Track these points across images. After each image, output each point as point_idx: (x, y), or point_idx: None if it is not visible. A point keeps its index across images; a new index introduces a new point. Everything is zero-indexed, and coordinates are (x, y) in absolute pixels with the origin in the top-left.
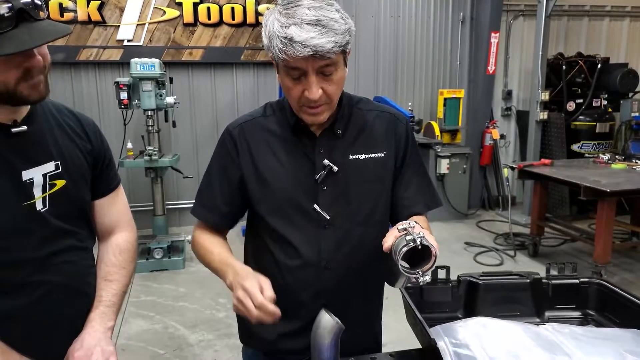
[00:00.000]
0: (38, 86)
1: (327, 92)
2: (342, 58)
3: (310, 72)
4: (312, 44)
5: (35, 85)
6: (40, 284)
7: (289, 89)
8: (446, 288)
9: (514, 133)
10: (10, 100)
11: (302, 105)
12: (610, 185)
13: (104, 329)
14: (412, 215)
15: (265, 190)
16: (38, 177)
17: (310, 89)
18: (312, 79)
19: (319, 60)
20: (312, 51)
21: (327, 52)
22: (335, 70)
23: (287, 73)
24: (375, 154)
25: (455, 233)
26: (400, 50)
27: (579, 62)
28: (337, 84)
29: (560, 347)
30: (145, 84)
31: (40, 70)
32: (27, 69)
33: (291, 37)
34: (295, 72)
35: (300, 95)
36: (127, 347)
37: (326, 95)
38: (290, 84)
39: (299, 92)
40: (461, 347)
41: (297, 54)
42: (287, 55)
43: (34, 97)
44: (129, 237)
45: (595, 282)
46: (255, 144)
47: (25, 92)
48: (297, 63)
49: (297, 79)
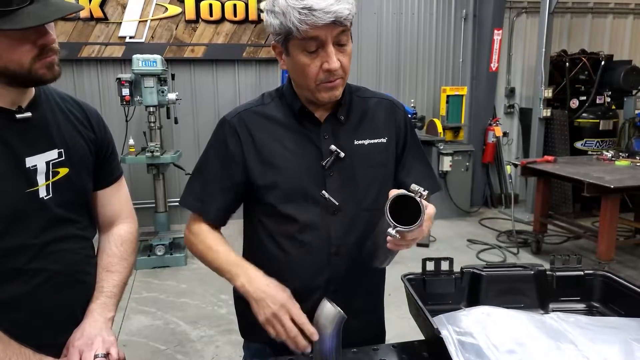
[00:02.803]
0: (52, 65)
1: (343, 64)
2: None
3: (329, 41)
4: (333, 10)
5: (50, 64)
6: (40, 271)
7: (306, 66)
8: (449, 279)
9: (517, 130)
10: (24, 81)
11: (319, 82)
12: (613, 182)
13: (105, 319)
14: None
15: (274, 178)
16: (41, 165)
17: (330, 59)
18: (330, 48)
19: (337, 28)
20: (334, 17)
21: (345, 18)
22: (347, 40)
23: (303, 48)
24: (378, 139)
25: (458, 230)
26: (403, 47)
27: (582, 59)
28: (349, 56)
29: (565, 335)
30: (147, 80)
31: (54, 49)
32: (42, 46)
33: (310, 5)
34: (312, 44)
35: (318, 71)
36: (129, 342)
37: (342, 67)
38: (306, 60)
39: (316, 68)
40: (465, 335)
41: (318, 21)
42: (308, 25)
43: (49, 76)
44: (131, 229)
45: (600, 273)
46: (258, 131)
47: (40, 71)
48: (317, 32)
49: (314, 52)
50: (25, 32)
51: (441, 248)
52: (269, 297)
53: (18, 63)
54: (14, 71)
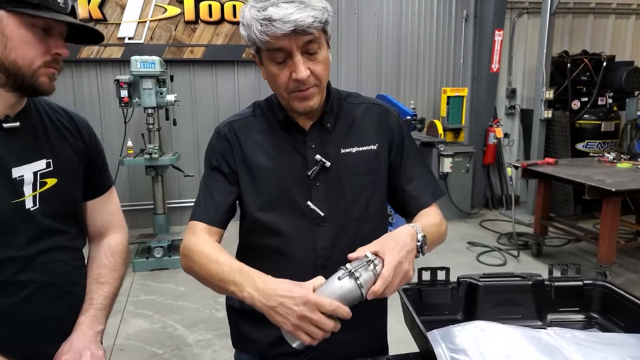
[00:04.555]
0: (53, 77)
1: (315, 72)
2: (324, 38)
3: (295, 50)
4: (292, 19)
5: (52, 75)
6: (27, 283)
7: (275, 76)
8: (445, 290)
9: (518, 132)
10: (21, 84)
11: (290, 91)
12: (615, 185)
13: (94, 332)
14: (421, 207)
15: (257, 188)
16: (28, 175)
17: (297, 68)
18: (297, 58)
19: (301, 37)
20: (294, 26)
21: (307, 26)
22: (319, 48)
23: (271, 58)
24: (367, 147)
25: (458, 232)
26: (403, 48)
27: (584, 60)
28: (324, 64)
29: (560, 352)
30: (146, 81)
31: (60, 64)
32: (55, 55)
33: (269, 16)
34: (279, 55)
35: (288, 80)
36: (126, 346)
37: (314, 76)
38: (275, 70)
39: (286, 77)
40: (459, 352)
41: (277, 31)
42: (268, 36)
43: (45, 88)
44: (121, 239)
45: (600, 284)
46: (245, 141)
47: (41, 78)
48: (280, 43)
49: (282, 63)
50: (50, 34)
51: (441, 251)
52: (289, 300)
53: (30, 61)
54: (19, 68)
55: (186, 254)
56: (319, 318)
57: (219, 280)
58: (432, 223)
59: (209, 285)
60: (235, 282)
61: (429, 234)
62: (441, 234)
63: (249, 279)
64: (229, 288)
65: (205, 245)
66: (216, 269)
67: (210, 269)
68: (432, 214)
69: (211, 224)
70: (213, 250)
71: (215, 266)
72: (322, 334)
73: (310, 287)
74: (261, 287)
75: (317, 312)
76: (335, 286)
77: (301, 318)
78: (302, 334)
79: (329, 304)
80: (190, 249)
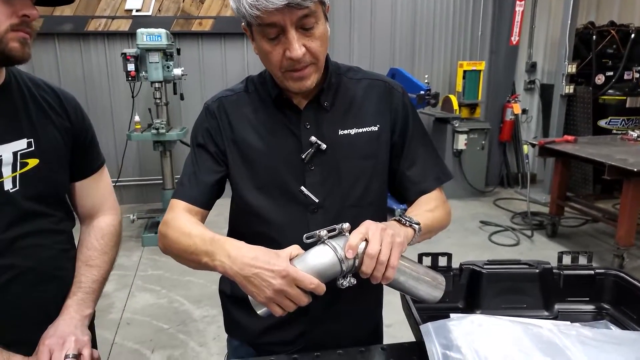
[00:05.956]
0: (26, 42)
1: (311, 49)
2: (322, 11)
3: (289, 26)
4: None
5: (24, 39)
6: (9, 267)
7: (268, 53)
8: (447, 277)
9: (537, 108)
10: None
11: (285, 70)
12: (637, 164)
13: (81, 317)
14: (422, 193)
15: (248, 171)
16: (7, 155)
17: (291, 46)
18: (291, 34)
19: (295, 11)
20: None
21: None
22: (315, 22)
23: (263, 34)
24: (367, 128)
25: (471, 211)
26: (419, 19)
27: (610, 32)
28: (321, 40)
29: (563, 352)
30: (152, 55)
31: (32, 27)
32: (23, 17)
33: None
34: (271, 31)
35: (281, 58)
36: (132, 320)
37: (310, 53)
38: (268, 47)
39: (279, 55)
40: (452, 349)
41: (269, 5)
42: (259, 10)
43: (17, 54)
44: (113, 221)
45: (612, 273)
46: (235, 119)
47: (12, 43)
48: (272, 17)
49: (275, 39)
50: None
51: (452, 229)
52: (266, 273)
53: None
54: None
55: (162, 231)
56: (297, 293)
57: (191, 253)
58: (426, 209)
59: (183, 262)
60: (207, 252)
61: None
62: (436, 219)
63: (221, 247)
64: (202, 260)
65: (180, 220)
66: (188, 242)
67: (182, 242)
68: (427, 199)
69: (192, 202)
70: (187, 224)
71: (187, 239)
72: (294, 308)
73: (287, 257)
74: (234, 255)
75: (295, 287)
76: (316, 261)
77: (277, 292)
78: (275, 306)
79: (309, 282)
80: (167, 225)
